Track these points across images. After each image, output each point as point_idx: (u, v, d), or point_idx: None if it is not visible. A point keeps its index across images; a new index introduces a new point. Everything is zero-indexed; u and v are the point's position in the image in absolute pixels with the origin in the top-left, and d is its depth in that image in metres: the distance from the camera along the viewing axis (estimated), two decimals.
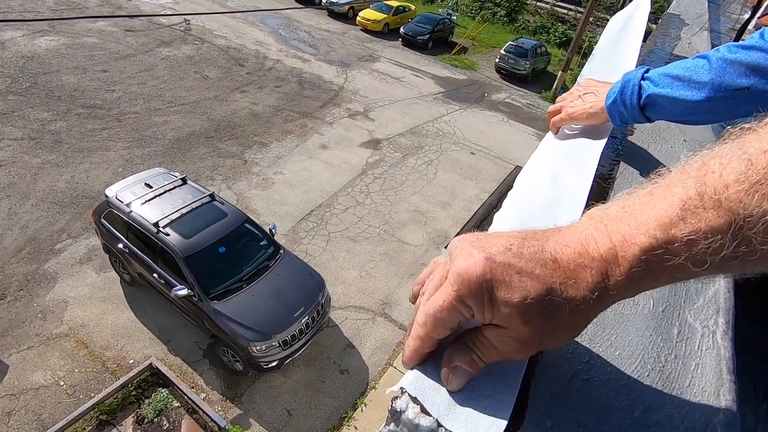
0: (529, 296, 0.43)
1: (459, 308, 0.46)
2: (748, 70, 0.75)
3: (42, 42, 14.49)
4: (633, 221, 0.43)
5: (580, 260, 0.44)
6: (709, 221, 0.38)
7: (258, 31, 19.39)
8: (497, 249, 0.46)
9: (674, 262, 0.40)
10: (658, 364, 0.53)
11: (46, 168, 9.49)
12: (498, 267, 0.44)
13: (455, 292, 0.46)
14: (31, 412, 5.76)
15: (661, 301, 0.62)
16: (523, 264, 0.44)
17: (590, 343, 0.54)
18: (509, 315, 0.45)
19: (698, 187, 0.39)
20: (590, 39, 25.84)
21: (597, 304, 0.44)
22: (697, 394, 0.49)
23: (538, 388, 0.48)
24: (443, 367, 0.49)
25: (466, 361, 0.48)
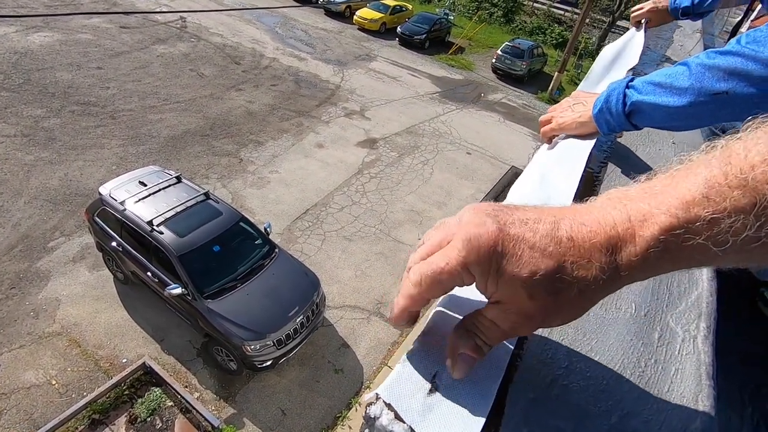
0: (539, 272, 0.43)
1: (462, 274, 0.45)
2: (726, 74, 0.77)
3: (36, 38, 14.38)
4: (654, 201, 0.42)
5: (595, 240, 0.43)
6: (734, 200, 0.37)
7: (254, 29, 19.33)
8: (512, 221, 0.45)
9: (694, 242, 0.39)
10: (638, 369, 0.52)
11: (39, 165, 9.42)
12: (511, 239, 0.44)
13: (462, 258, 0.45)
14: (22, 411, 5.71)
15: (644, 305, 0.62)
16: (537, 240, 0.44)
17: (570, 348, 0.54)
18: (514, 289, 0.44)
19: (723, 167, 0.39)
20: (586, 40, 25.93)
21: (607, 285, 0.43)
22: (675, 400, 0.49)
23: (515, 393, 0.47)
24: (447, 357, 0.48)
25: (470, 347, 0.47)
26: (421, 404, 0.45)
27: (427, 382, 0.47)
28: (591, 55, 25.57)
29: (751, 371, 1.01)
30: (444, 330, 0.50)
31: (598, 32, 27.92)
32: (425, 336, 0.53)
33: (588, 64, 23.93)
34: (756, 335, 1.08)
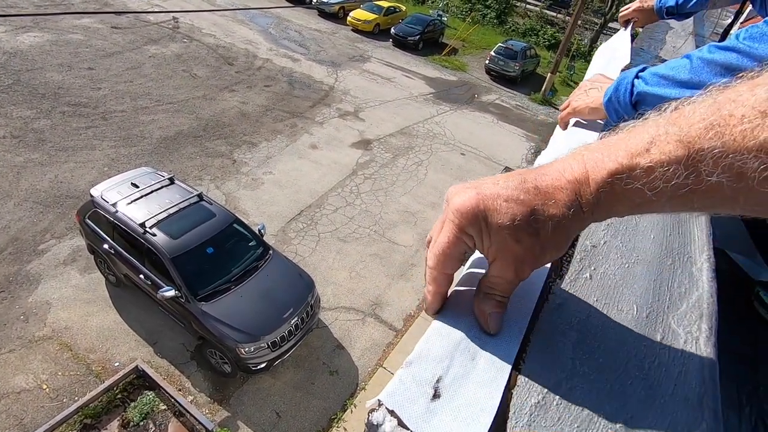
0: (517, 218, 0.51)
1: (462, 239, 0.54)
2: (723, 69, 0.80)
3: (25, 38, 14.22)
4: (607, 151, 0.50)
5: (557, 184, 0.52)
6: (669, 153, 0.45)
7: (247, 30, 19.25)
8: (486, 185, 0.54)
9: (633, 186, 0.47)
10: (641, 371, 0.52)
11: (29, 167, 9.31)
12: (488, 198, 0.52)
13: (456, 226, 0.54)
14: (12, 416, 5.63)
15: (645, 306, 0.61)
16: (508, 193, 0.52)
17: (573, 351, 0.53)
18: (503, 237, 0.52)
19: (667, 126, 0.46)
20: (578, 42, 26.12)
21: (574, 220, 0.51)
22: (680, 402, 0.49)
23: (519, 398, 0.47)
24: (480, 320, 0.56)
25: (493, 305, 0.55)
26: (425, 410, 0.44)
27: (430, 387, 0.46)
28: (583, 56, 25.77)
29: (747, 371, 1.01)
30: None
31: (590, 34, 28.15)
32: (426, 343, 0.52)
33: (580, 65, 24.12)
34: (752, 335, 1.09)
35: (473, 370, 0.49)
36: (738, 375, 0.96)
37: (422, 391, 0.46)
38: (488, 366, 0.49)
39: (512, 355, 0.51)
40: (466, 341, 0.52)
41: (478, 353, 0.51)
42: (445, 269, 0.57)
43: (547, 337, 0.54)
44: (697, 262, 0.71)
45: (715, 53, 0.82)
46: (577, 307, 0.59)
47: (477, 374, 0.48)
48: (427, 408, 0.45)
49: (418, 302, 8.24)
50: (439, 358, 0.50)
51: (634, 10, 2.09)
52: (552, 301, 0.59)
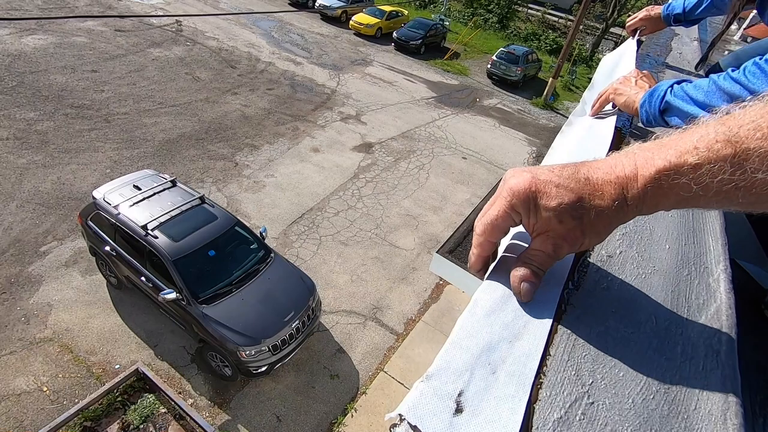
0: (563, 203, 0.57)
1: (511, 215, 0.61)
2: (729, 97, 0.89)
3: (29, 41, 14.28)
4: (659, 150, 0.54)
5: (606, 178, 0.57)
6: (717, 151, 0.48)
7: (250, 34, 19.32)
8: (541, 171, 0.60)
9: (680, 182, 0.51)
10: (663, 385, 0.51)
11: (32, 168, 9.32)
12: (541, 183, 0.58)
13: (508, 203, 0.60)
14: (12, 418, 5.62)
15: (663, 318, 0.61)
16: (560, 181, 0.58)
17: (593, 363, 0.52)
18: (548, 217, 0.58)
19: (717, 127, 0.50)
20: (580, 46, 26.17)
21: (617, 212, 0.56)
22: (703, 418, 0.48)
23: (542, 413, 0.46)
24: (513, 286, 0.61)
25: (528, 274, 0.60)
26: (447, 425, 0.44)
27: (452, 401, 0.46)
28: (585, 61, 25.81)
29: (759, 380, 1.00)
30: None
31: (591, 39, 28.21)
32: (445, 355, 0.51)
33: (582, 70, 24.16)
34: (763, 343, 1.08)
35: (494, 383, 0.48)
36: (749, 384, 0.95)
37: (444, 405, 0.45)
38: (509, 380, 0.48)
39: (533, 368, 0.50)
40: (486, 354, 0.51)
41: (499, 367, 0.50)
42: (491, 237, 0.64)
43: (566, 350, 0.54)
44: (713, 272, 0.70)
45: (725, 81, 0.91)
46: (596, 319, 0.59)
47: (498, 388, 0.47)
48: (450, 423, 0.44)
49: (419, 306, 8.22)
50: (459, 371, 0.49)
51: (641, 18, 2.11)
52: (570, 312, 0.58)
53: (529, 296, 0.59)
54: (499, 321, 0.55)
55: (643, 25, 2.13)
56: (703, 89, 0.95)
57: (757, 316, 1.16)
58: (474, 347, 0.52)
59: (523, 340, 0.53)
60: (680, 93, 1.01)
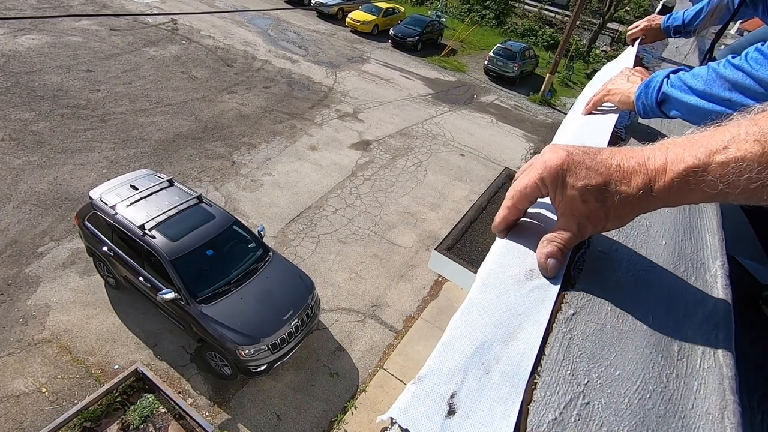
0: (590, 184, 0.60)
1: (539, 186, 0.65)
2: (731, 85, 0.87)
3: (24, 40, 14.19)
4: (690, 147, 0.56)
5: (637, 168, 0.59)
6: (745, 150, 0.50)
7: (246, 32, 19.23)
8: (576, 151, 0.63)
9: (706, 179, 0.54)
10: (659, 384, 0.50)
11: (28, 169, 9.28)
12: (573, 162, 0.62)
13: (539, 175, 0.64)
14: (11, 420, 5.61)
15: (660, 315, 0.60)
16: (592, 164, 0.61)
17: (589, 363, 0.52)
18: (573, 196, 0.62)
19: (749, 127, 0.52)
20: (577, 42, 26.14)
21: (641, 201, 0.59)
22: (701, 417, 0.47)
23: (536, 414, 0.45)
24: (539, 262, 0.65)
25: (553, 251, 0.63)
26: (440, 428, 0.43)
27: (444, 403, 0.45)
28: (582, 56, 25.79)
29: (756, 378, 0.99)
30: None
31: (588, 34, 28.17)
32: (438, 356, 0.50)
33: (579, 66, 24.13)
34: (761, 339, 1.07)
35: (488, 384, 0.47)
36: (747, 382, 0.94)
37: (436, 407, 0.44)
38: (503, 380, 0.48)
39: (527, 368, 0.49)
40: (480, 354, 0.50)
41: (492, 367, 0.49)
42: (518, 204, 0.70)
43: (561, 349, 0.53)
44: (710, 269, 0.70)
45: (727, 69, 0.89)
46: (591, 317, 0.58)
47: (492, 389, 0.46)
48: (442, 425, 0.43)
49: (418, 303, 8.22)
50: (452, 372, 0.48)
51: (642, 29, 2.10)
52: (565, 310, 0.58)
53: (555, 272, 0.63)
54: (493, 320, 0.55)
55: (644, 34, 2.12)
56: (702, 78, 0.93)
57: (755, 312, 1.15)
58: (467, 347, 0.51)
59: (517, 339, 0.53)
60: (678, 83, 0.99)
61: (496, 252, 0.67)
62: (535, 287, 0.59)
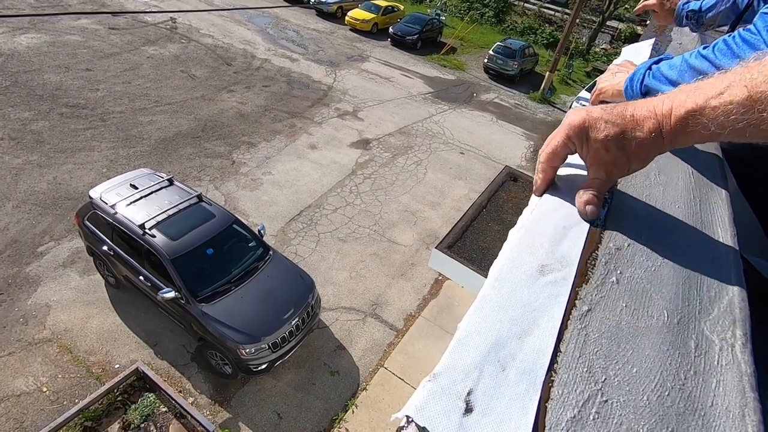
0: (610, 135, 0.70)
1: (567, 144, 0.75)
2: (699, 74, 0.91)
3: (23, 39, 14.15)
4: (691, 93, 0.63)
5: (647, 115, 0.67)
6: (735, 95, 0.57)
7: (245, 30, 19.19)
8: (595, 109, 0.73)
9: (701, 121, 0.61)
10: (678, 381, 0.49)
11: (28, 169, 9.26)
12: (593, 119, 0.72)
13: (566, 134, 0.74)
14: (12, 419, 5.60)
15: (676, 311, 0.59)
16: (609, 117, 0.70)
17: (606, 360, 0.51)
18: (597, 148, 0.72)
19: (742, 74, 0.58)
20: (576, 40, 26.11)
21: (654, 142, 0.67)
22: (721, 415, 0.46)
23: (554, 412, 0.44)
24: (579, 211, 0.75)
25: (590, 198, 0.74)
26: (457, 426, 0.42)
27: (461, 401, 0.44)
28: (582, 54, 25.75)
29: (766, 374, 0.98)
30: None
31: (588, 32, 28.13)
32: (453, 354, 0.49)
33: (579, 64, 24.11)
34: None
35: (504, 381, 0.46)
36: (764, 379, 0.94)
37: (453, 405, 0.43)
38: (519, 377, 0.47)
39: (544, 365, 0.48)
40: (495, 351, 0.49)
41: (508, 364, 0.48)
42: (552, 164, 0.80)
43: (577, 346, 0.52)
44: (724, 263, 0.69)
45: (695, 59, 0.96)
46: (606, 314, 0.57)
47: (508, 386, 0.45)
48: (460, 423, 0.42)
49: (418, 302, 8.21)
50: (467, 369, 0.47)
51: (657, 2, 2.06)
52: (579, 307, 0.57)
53: (594, 215, 0.73)
54: (507, 317, 0.54)
55: (656, 8, 2.07)
56: (676, 68, 0.99)
57: (765, 308, 1.14)
58: (482, 344, 0.50)
59: (532, 336, 0.52)
60: (657, 74, 1.04)
61: (508, 248, 0.66)
62: (548, 283, 0.58)
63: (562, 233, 0.68)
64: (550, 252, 0.63)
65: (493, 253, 0.77)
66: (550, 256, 0.62)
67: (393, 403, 6.51)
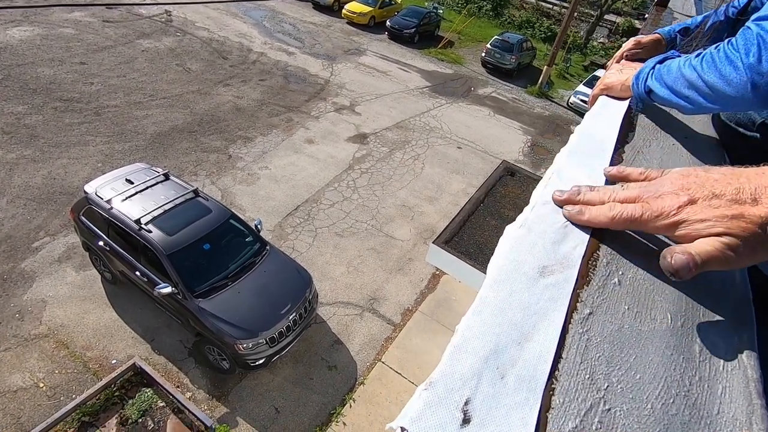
0: None
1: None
2: (689, 84, 0.93)
3: (15, 32, 13.98)
4: None
5: None
6: None
7: (241, 23, 19.02)
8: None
9: None
10: (682, 388, 0.48)
11: (22, 163, 9.18)
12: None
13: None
14: (9, 415, 5.59)
15: (679, 314, 0.57)
16: None
17: (608, 366, 0.49)
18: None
19: None
20: (574, 34, 26.01)
21: None
22: (728, 424, 0.45)
23: (556, 422, 0.43)
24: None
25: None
26: None
27: (458, 411, 0.42)
28: (579, 48, 25.67)
29: None
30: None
31: (586, 26, 28.03)
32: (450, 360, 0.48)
33: (576, 58, 24.04)
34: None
35: (503, 390, 0.45)
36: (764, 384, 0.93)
37: (450, 415, 0.42)
38: (519, 385, 0.45)
39: (545, 372, 0.46)
40: (494, 357, 0.48)
41: (508, 371, 0.46)
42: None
43: (579, 351, 0.50)
44: None
45: (686, 68, 0.94)
46: (608, 317, 0.55)
47: (508, 395, 0.43)
48: None
49: (416, 296, 8.22)
50: (465, 377, 0.45)
51: (633, 45, 1.78)
52: (581, 310, 0.55)
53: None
54: (507, 320, 0.52)
55: (635, 50, 1.74)
56: (672, 73, 0.98)
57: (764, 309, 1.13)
58: (481, 350, 0.48)
59: (533, 341, 0.50)
60: (657, 75, 1.03)
61: (505, 247, 0.64)
62: (549, 285, 0.57)
63: (563, 233, 0.66)
64: (551, 252, 0.61)
65: (490, 248, 0.73)
66: (550, 257, 0.61)
67: (390, 397, 6.53)
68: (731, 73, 0.82)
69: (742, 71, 0.80)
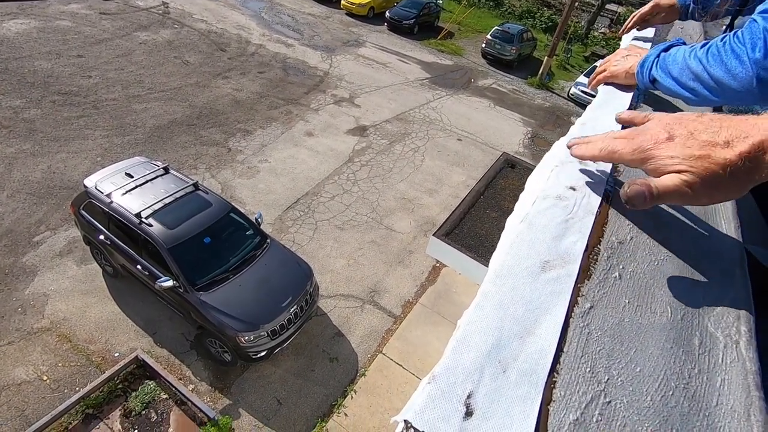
0: None
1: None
2: (694, 76, 0.93)
3: (11, 25, 13.88)
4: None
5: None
6: None
7: (240, 15, 18.87)
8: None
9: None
10: (682, 380, 0.48)
11: (21, 158, 9.16)
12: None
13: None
14: (13, 408, 5.63)
15: (679, 308, 0.58)
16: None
17: (608, 359, 0.50)
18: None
19: None
20: (575, 24, 25.80)
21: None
22: (726, 415, 0.45)
23: (557, 415, 0.43)
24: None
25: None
26: (458, 430, 0.41)
27: (461, 404, 0.43)
28: (580, 39, 25.47)
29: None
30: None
31: (587, 16, 27.80)
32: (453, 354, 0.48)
33: (577, 49, 23.86)
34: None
35: (505, 383, 0.45)
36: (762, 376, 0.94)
37: (453, 408, 0.42)
38: (521, 379, 0.46)
39: (546, 366, 0.47)
40: (496, 351, 0.48)
41: (510, 365, 0.47)
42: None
43: (580, 345, 0.51)
44: (728, 257, 0.68)
45: (692, 60, 0.94)
46: (608, 311, 0.56)
47: (510, 389, 0.44)
48: (460, 428, 0.41)
49: (416, 289, 8.25)
50: (468, 371, 0.46)
51: (652, 6, 1.83)
52: (582, 304, 0.55)
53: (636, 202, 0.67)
54: (508, 315, 0.52)
55: (654, 12, 1.80)
56: (678, 64, 0.98)
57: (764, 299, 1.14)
58: (483, 344, 0.49)
59: (534, 335, 0.50)
60: (662, 64, 1.03)
61: (507, 242, 0.64)
62: (550, 279, 0.57)
63: (564, 227, 0.66)
64: (552, 248, 0.62)
65: (491, 240, 0.73)
66: (552, 252, 0.61)
67: (391, 389, 6.58)
68: (737, 68, 0.82)
69: (748, 66, 0.80)
